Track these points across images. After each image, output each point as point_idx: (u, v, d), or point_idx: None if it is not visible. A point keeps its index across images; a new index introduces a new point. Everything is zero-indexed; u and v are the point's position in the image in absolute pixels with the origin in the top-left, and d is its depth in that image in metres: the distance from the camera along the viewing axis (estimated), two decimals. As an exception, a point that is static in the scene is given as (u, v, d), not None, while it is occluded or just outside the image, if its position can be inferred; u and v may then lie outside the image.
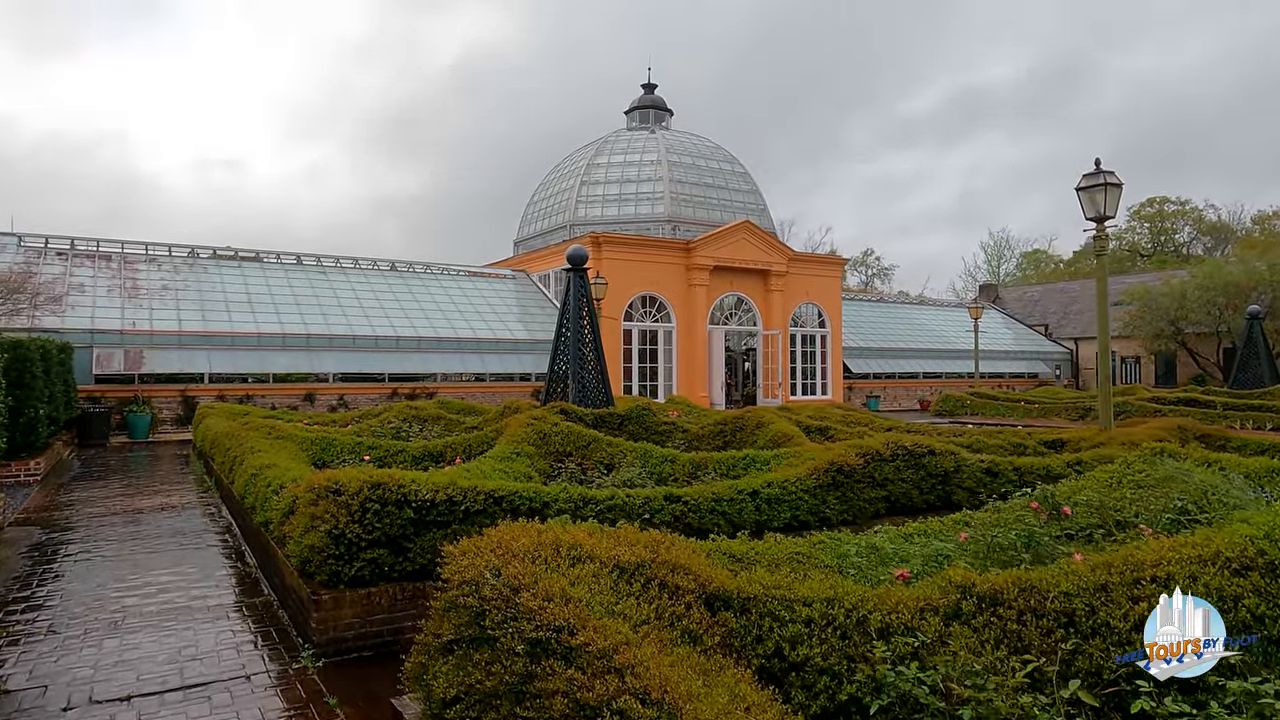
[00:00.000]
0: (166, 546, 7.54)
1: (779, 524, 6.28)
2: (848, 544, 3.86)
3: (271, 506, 6.19)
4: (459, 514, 5.04)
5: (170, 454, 15.74)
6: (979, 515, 4.82)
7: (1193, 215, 65.60)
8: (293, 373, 21.51)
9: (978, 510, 7.67)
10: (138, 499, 10.33)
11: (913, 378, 33.85)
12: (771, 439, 10.33)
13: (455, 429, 12.99)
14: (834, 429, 11.58)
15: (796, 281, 29.53)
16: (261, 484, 6.88)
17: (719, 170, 30.66)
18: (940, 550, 3.57)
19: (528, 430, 9.26)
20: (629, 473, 7.73)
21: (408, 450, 9.81)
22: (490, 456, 8.10)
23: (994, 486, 7.69)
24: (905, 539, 4.08)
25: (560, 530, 3.10)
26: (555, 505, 5.37)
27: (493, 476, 7.18)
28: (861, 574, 3.38)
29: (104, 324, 19.65)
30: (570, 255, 12.89)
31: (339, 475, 5.09)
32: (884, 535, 4.02)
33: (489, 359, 24.42)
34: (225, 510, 9.37)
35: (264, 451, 8.43)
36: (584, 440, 9.30)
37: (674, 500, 5.88)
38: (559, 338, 12.96)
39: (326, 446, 9.84)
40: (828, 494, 6.61)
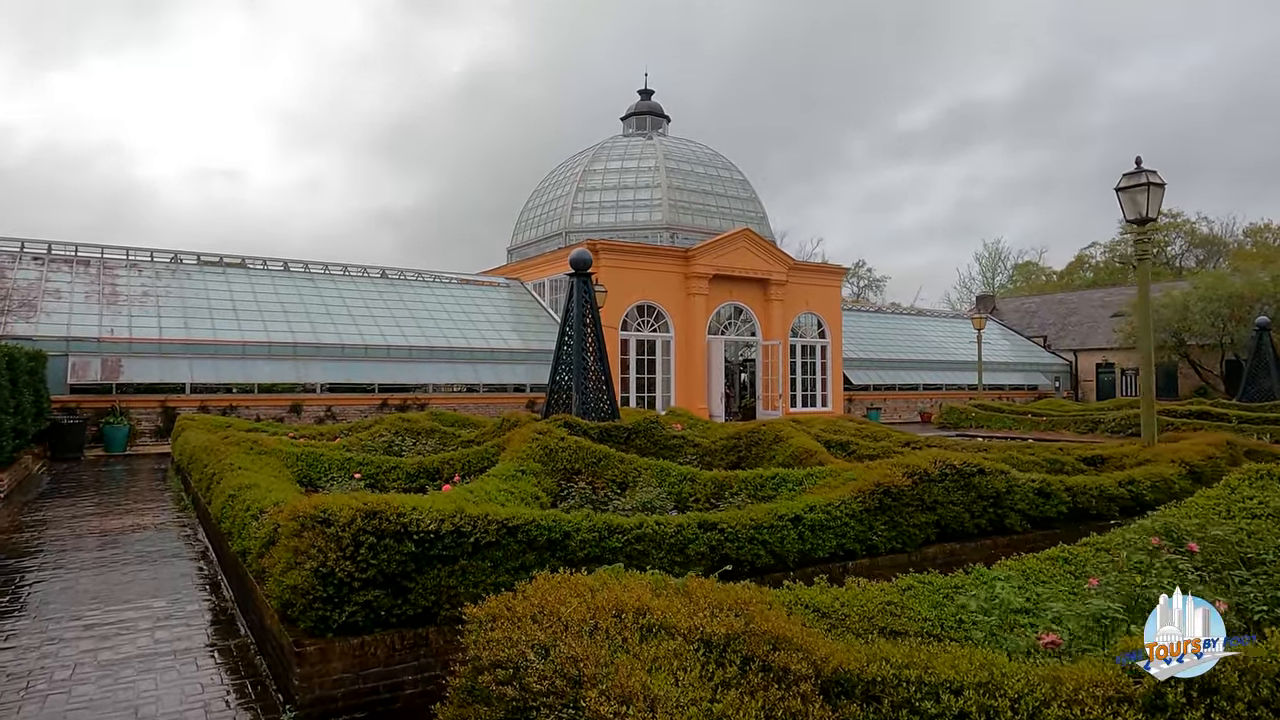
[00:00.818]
0: (135, 575, 6.78)
1: (824, 553, 5.61)
2: (964, 594, 3.17)
3: (250, 534, 5.46)
4: (467, 547, 4.33)
5: (148, 468, 14.91)
6: (1078, 549, 4.15)
7: (1185, 228, 65.65)
8: (278, 383, 20.69)
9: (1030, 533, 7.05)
10: (108, 519, 9.54)
11: (912, 389, 33.29)
12: (792, 455, 9.67)
13: (450, 443, 12.27)
14: (855, 444, 10.92)
15: (796, 291, 28.94)
16: (239, 507, 6.14)
17: (717, 177, 30.09)
18: (1101, 609, 2.87)
19: (532, 446, 8.55)
20: (647, 494, 7.03)
21: (402, 467, 9.08)
22: (494, 475, 7.38)
23: (1046, 509, 7.06)
24: (1026, 581, 3.39)
25: (618, 587, 2.41)
26: (577, 536, 4.68)
27: (497, 498, 6.48)
28: (992, 637, 2.70)
29: (80, 331, 18.80)
30: (574, 259, 12.21)
31: (327, 502, 4.38)
32: (1005, 583, 3.34)
33: (482, 369, 23.67)
34: (202, 532, 8.60)
35: (244, 469, 7.68)
36: (594, 457, 8.60)
37: (709, 528, 5.19)
38: (561, 346, 12.26)
39: (313, 463, 9.10)
40: (875, 519, 5.94)
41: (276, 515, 5.05)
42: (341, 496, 4.55)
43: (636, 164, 29.12)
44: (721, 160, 31.03)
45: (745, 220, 29.22)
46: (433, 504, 4.50)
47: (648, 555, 4.87)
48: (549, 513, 4.73)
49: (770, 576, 5.36)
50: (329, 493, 7.86)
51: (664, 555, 4.92)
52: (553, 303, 27.78)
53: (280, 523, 4.79)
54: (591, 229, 28.17)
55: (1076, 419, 23.43)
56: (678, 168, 29.20)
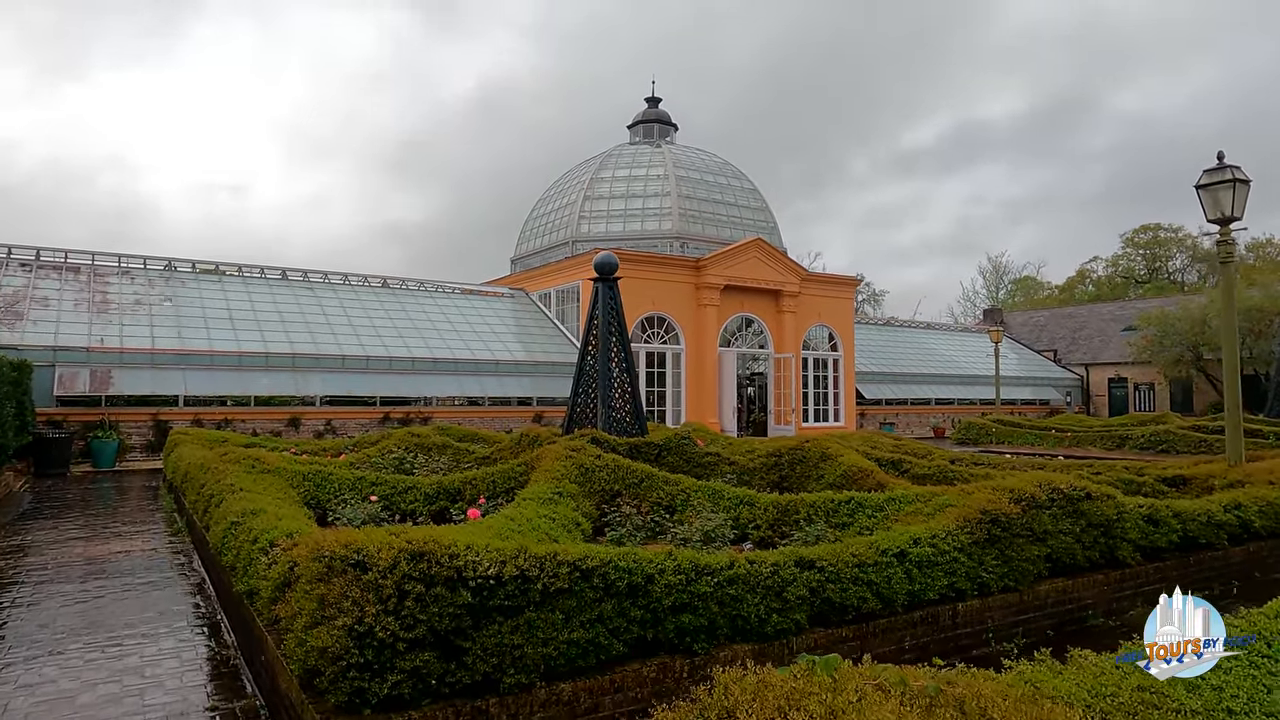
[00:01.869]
0: (122, 613, 5.91)
1: (934, 594, 4.79)
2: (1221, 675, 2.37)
3: (258, 572, 4.62)
4: (534, 595, 3.51)
5: (138, 485, 14.00)
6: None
7: (1186, 243, 65.37)
8: (276, 395, 19.81)
9: (1142, 566, 6.25)
10: (94, 544, 8.65)
11: (925, 404, 32.55)
12: (843, 475, 8.86)
13: (464, 460, 11.43)
14: (907, 462, 10.11)
15: (808, 303, 28.22)
16: (244, 537, 5.30)
17: (727, 186, 29.42)
18: None
19: (567, 465, 7.72)
20: (709, 521, 6.20)
21: (419, 487, 8.23)
22: (530, 499, 6.55)
23: (1156, 538, 6.26)
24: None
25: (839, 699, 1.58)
26: (662, 579, 3.85)
27: (541, 526, 5.66)
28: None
29: (69, 340, 17.91)
30: (598, 263, 11.42)
31: (359, 539, 3.55)
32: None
33: (487, 381, 22.82)
34: (198, 560, 7.72)
35: (246, 491, 6.83)
36: (635, 476, 7.77)
37: (807, 566, 4.37)
38: (584, 357, 11.45)
39: (321, 483, 8.25)
40: (984, 553, 5.12)
41: (291, 551, 4.22)
42: (376, 532, 3.72)
43: (645, 172, 28.43)
44: (731, 169, 30.37)
45: (756, 230, 28.53)
46: (486, 540, 3.67)
47: (741, 601, 4.05)
48: (624, 551, 3.90)
49: (875, 623, 4.54)
50: (345, 520, 6.99)
51: (759, 600, 4.10)
52: (559, 314, 26.99)
53: (298, 561, 3.96)
54: (599, 238, 27.43)
55: (1101, 435, 22.69)
56: (687, 176, 28.52)
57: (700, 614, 3.92)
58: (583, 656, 3.60)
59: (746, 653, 4.03)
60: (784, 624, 4.15)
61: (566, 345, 25.41)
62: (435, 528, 4.26)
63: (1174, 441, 20.52)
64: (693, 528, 6.05)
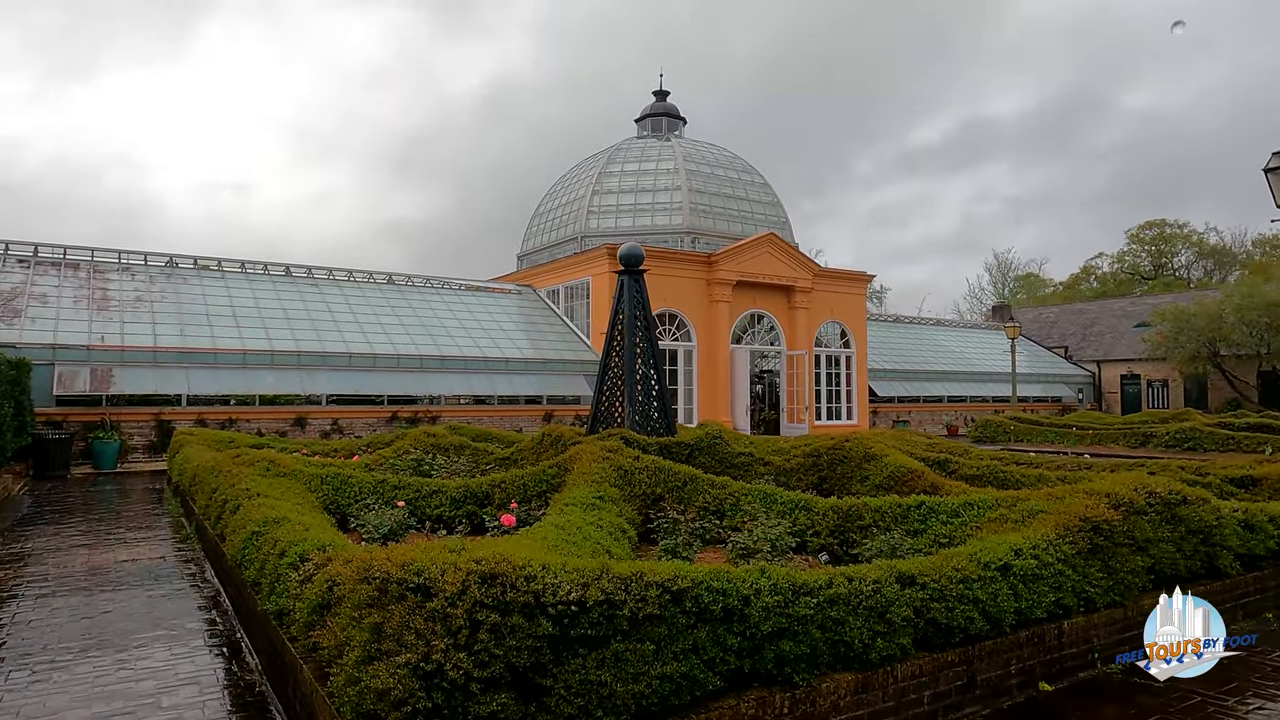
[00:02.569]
0: (131, 630, 5.41)
1: (1041, 612, 4.31)
2: None
3: (288, 589, 4.13)
4: (621, 623, 3.02)
5: (141, 488, 13.50)
6: None
7: (1192, 239, 64.94)
8: (281, 394, 19.30)
9: (1242, 576, 5.78)
10: (97, 551, 8.16)
11: (937, 401, 32.08)
12: (891, 477, 8.39)
13: (483, 460, 10.96)
14: (953, 462, 9.63)
15: (821, 299, 27.73)
16: (268, 549, 4.81)
17: (738, 180, 28.91)
18: None
19: (604, 467, 7.24)
20: (770, 528, 5.71)
21: (445, 491, 7.74)
22: (572, 504, 6.06)
23: (1254, 545, 5.78)
24: None
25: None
26: (759, 601, 3.36)
27: (593, 536, 5.18)
28: None
29: (68, 339, 17.39)
30: (624, 254, 10.94)
31: (417, 557, 3.06)
32: None
33: (497, 380, 22.33)
34: (210, 569, 7.23)
35: (264, 497, 6.33)
36: (678, 479, 7.29)
37: (908, 583, 3.88)
38: (609, 354, 10.96)
39: (341, 486, 7.76)
40: (1088, 564, 4.64)
41: (329, 568, 3.74)
42: (431, 548, 3.24)
43: (655, 165, 27.92)
44: (741, 163, 29.87)
45: (768, 225, 28.05)
46: (564, 563, 3.18)
47: (844, 624, 3.56)
48: (715, 569, 3.41)
49: (981, 645, 4.05)
50: (371, 527, 6.48)
51: (862, 623, 3.62)
52: (567, 310, 26.49)
53: (339, 580, 3.48)
54: (608, 233, 26.92)
55: (1125, 432, 22.22)
56: (698, 170, 28.01)
57: (801, 640, 3.43)
58: (676, 694, 3.12)
59: (849, 683, 3.55)
60: (889, 649, 3.66)
61: (576, 343, 24.92)
62: (492, 541, 3.77)
63: (1200, 439, 20.06)
64: (754, 535, 5.55)
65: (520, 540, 4.34)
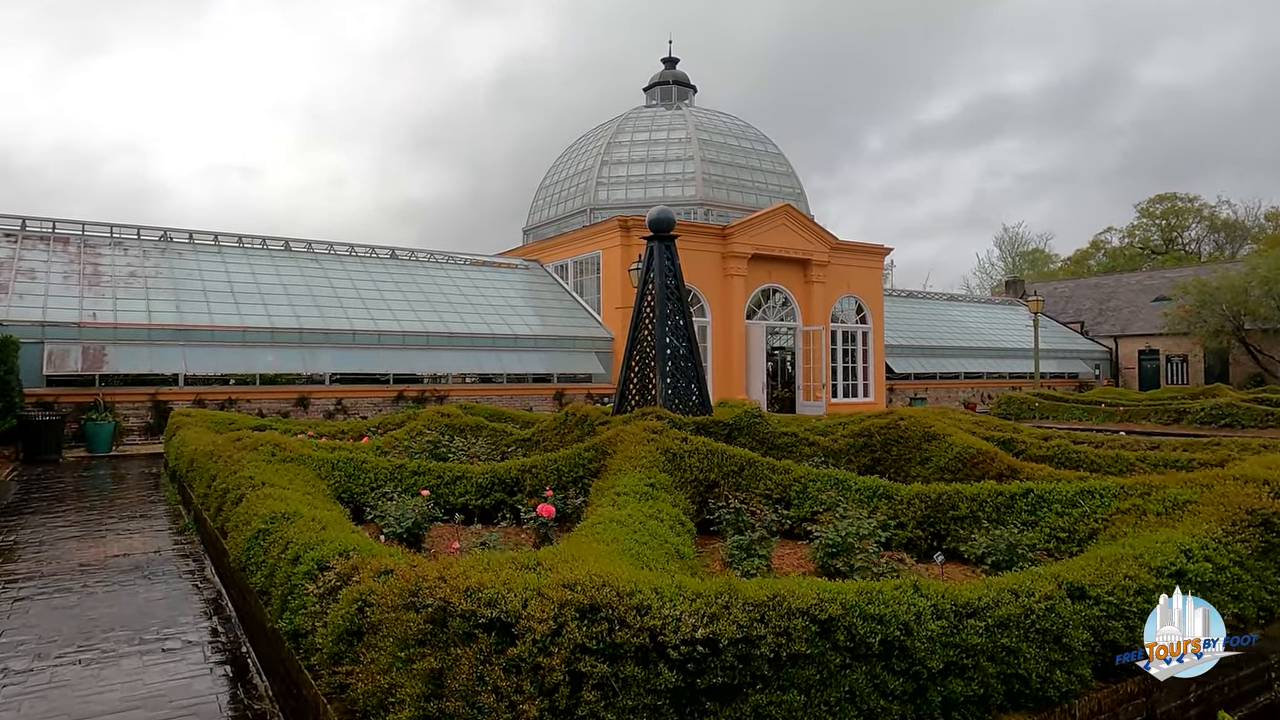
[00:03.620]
0: (124, 639, 4.66)
1: (1223, 628, 3.53)
2: None
3: (305, 605, 3.37)
4: (761, 666, 2.25)
5: (137, 472, 12.75)
6: None
7: (1204, 213, 63.90)
8: (282, 373, 18.50)
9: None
10: (87, 545, 7.40)
11: (953, 378, 31.32)
12: (958, 458, 7.65)
13: (502, 441, 10.21)
14: (1019, 443, 8.87)
15: (837, 273, 26.87)
16: (277, 551, 4.05)
17: (752, 150, 27.93)
18: None
19: (650, 450, 6.47)
20: (860, 521, 4.93)
21: (470, 477, 6.98)
22: (626, 494, 5.29)
23: None
24: None
25: None
26: (923, 627, 2.59)
27: (659, 533, 4.41)
28: None
29: (58, 315, 16.56)
30: (655, 219, 10.11)
31: (483, 579, 2.29)
32: None
33: (506, 357, 21.52)
34: (211, 566, 6.48)
35: (270, 486, 5.57)
36: (734, 463, 6.52)
37: (1078, 596, 3.11)
38: (637, 326, 10.16)
39: (354, 473, 7.00)
40: (1263, 566, 3.88)
41: (361, 584, 2.98)
42: (502, 564, 2.46)
43: (666, 135, 26.93)
44: (754, 132, 28.87)
45: (782, 196, 27.11)
46: (677, 583, 2.40)
47: (1018, 654, 2.79)
48: (871, 587, 2.63)
49: (1159, 671, 3.28)
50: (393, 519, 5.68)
51: (1037, 651, 2.85)
52: (576, 286, 25.64)
53: (373, 599, 2.72)
54: (618, 205, 26.00)
55: (1155, 409, 21.44)
56: (710, 139, 27.02)
57: (971, 677, 2.67)
58: (833, 760, 2.35)
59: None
60: (1069, 683, 2.90)
61: (587, 319, 24.10)
62: (569, 550, 3.00)
63: (1238, 415, 19.31)
64: (841, 529, 4.78)
65: (592, 545, 3.56)
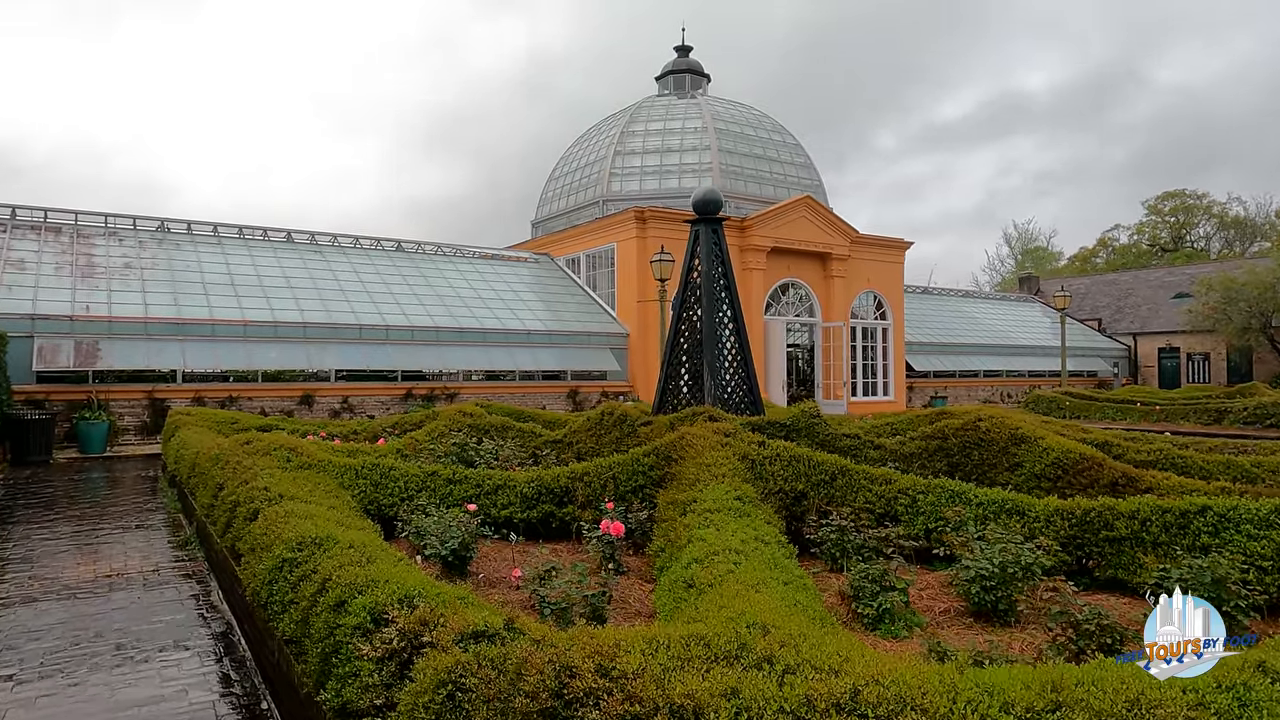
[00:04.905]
0: (118, 700, 3.79)
1: None
2: None
3: (354, 669, 2.51)
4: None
5: (132, 475, 11.87)
6: None
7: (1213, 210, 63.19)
8: (286, 370, 17.61)
9: None
10: (76, 562, 6.53)
11: (973, 376, 30.48)
12: (1056, 464, 6.82)
13: (530, 444, 9.34)
14: (1117, 445, 8.02)
15: (857, 267, 26.02)
16: (311, 590, 3.18)
17: (769, 141, 27.04)
18: None
19: (724, 455, 5.61)
20: (1006, 546, 4.06)
21: (514, 486, 6.12)
22: (719, 510, 4.44)
23: None
24: None
25: None
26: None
27: (779, 562, 3.54)
28: None
29: (49, 308, 15.65)
30: (698, 200, 9.25)
31: (655, 665, 1.42)
32: None
33: (519, 354, 20.63)
34: (218, 590, 5.61)
35: (290, 500, 4.71)
36: (823, 470, 5.66)
37: None
38: (680, 318, 9.30)
39: (381, 481, 6.13)
40: None
41: (440, 654, 2.12)
42: (695, 654, 1.60)
43: (681, 124, 26.03)
44: (771, 122, 27.98)
45: (801, 188, 26.25)
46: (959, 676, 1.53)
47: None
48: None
49: None
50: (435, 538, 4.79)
51: None
52: (589, 280, 24.76)
53: (471, 683, 1.88)
54: (632, 196, 25.10)
55: (1192, 408, 20.63)
56: (727, 129, 26.13)
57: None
58: None
59: None
60: None
61: (601, 314, 23.22)
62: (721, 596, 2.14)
63: None
64: (992, 553, 3.91)
65: (745, 594, 2.69)
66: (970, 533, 4.50)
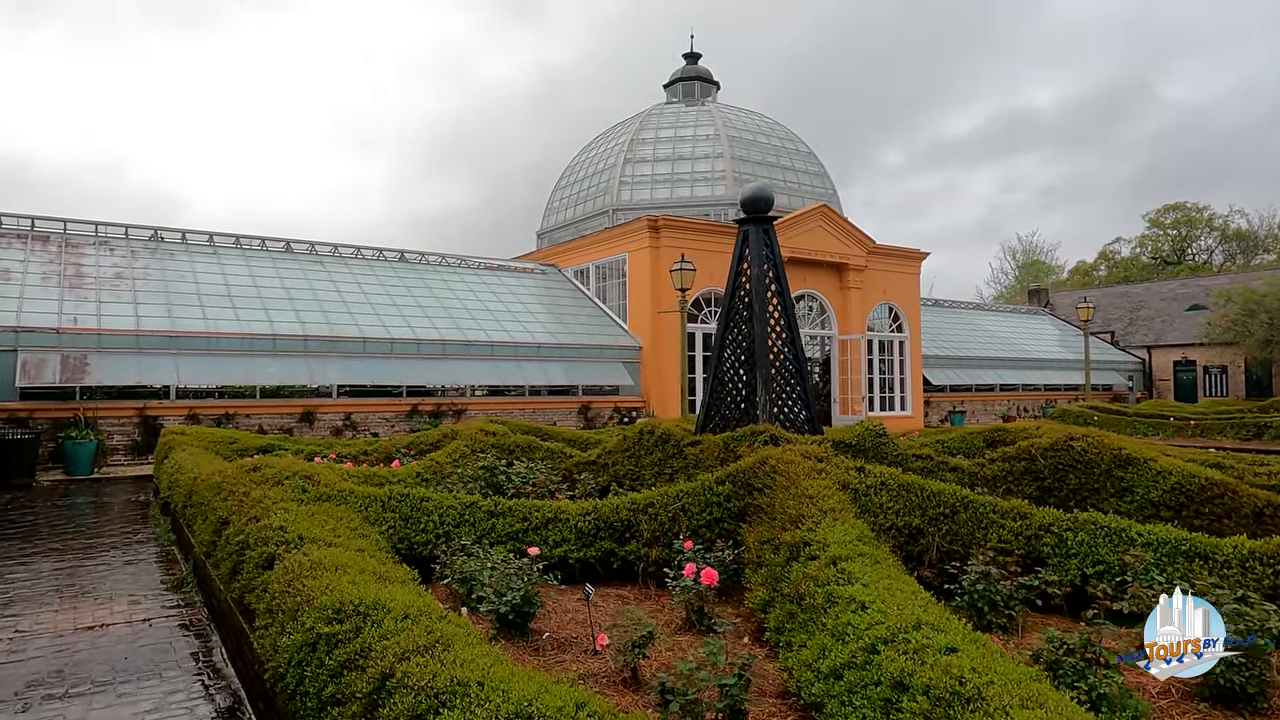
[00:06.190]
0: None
1: None
2: None
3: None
4: None
5: (122, 500, 10.94)
6: None
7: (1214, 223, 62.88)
8: (286, 385, 16.71)
9: None
10: (57, 608, 5.62)
11: (989, 390, 29.72)
12: (1179, 490, 5.99)
13: (561, 465, 8.49)
14: (1231, 467, 7.18)
15: (873, 278, 25.28)
16: (366, 686, 2.30)
17: (782, 149, 26.35)
18: None
19: (824, 484, 4.75)
20: (1246, 616, 3.21)
21: (567, 519, 5.25)
22: (851, 558, 3.58)
23: None
24: None
25: None
26: None
27: (965, 634, 2.67)
28: None
29: (34, 320, 14.73)
30: (749, 197, 8.46)
31: None
32: None
33: (529, 368, 19.76)
34: (222, 650, 4.71)
35: (313, 543, 3.84)
36: (941, 503, 4.81)
37: None
38: (727, 326, 8.46)
39: (412, 515, 5.26)
40: None
41: None
42: None
43: (692, 132, 25.32)
44: (783, 130, 27.31)
45: (815, 197, 25.54)
46: None
47: None
48: None
49: None
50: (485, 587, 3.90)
51: None
52: (599, 291, 23.94)
53: None
54: (643, 206, 24.34)
55: (1229, 423, 19.86)
56: (739, 137, 25.43)
57: None
58: None
59: None
60: None
61: (612, 327, 22.37)
62: None
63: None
64: (1241, 634, 3.06)
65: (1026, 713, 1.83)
66: (1156, 582, 3.65)
